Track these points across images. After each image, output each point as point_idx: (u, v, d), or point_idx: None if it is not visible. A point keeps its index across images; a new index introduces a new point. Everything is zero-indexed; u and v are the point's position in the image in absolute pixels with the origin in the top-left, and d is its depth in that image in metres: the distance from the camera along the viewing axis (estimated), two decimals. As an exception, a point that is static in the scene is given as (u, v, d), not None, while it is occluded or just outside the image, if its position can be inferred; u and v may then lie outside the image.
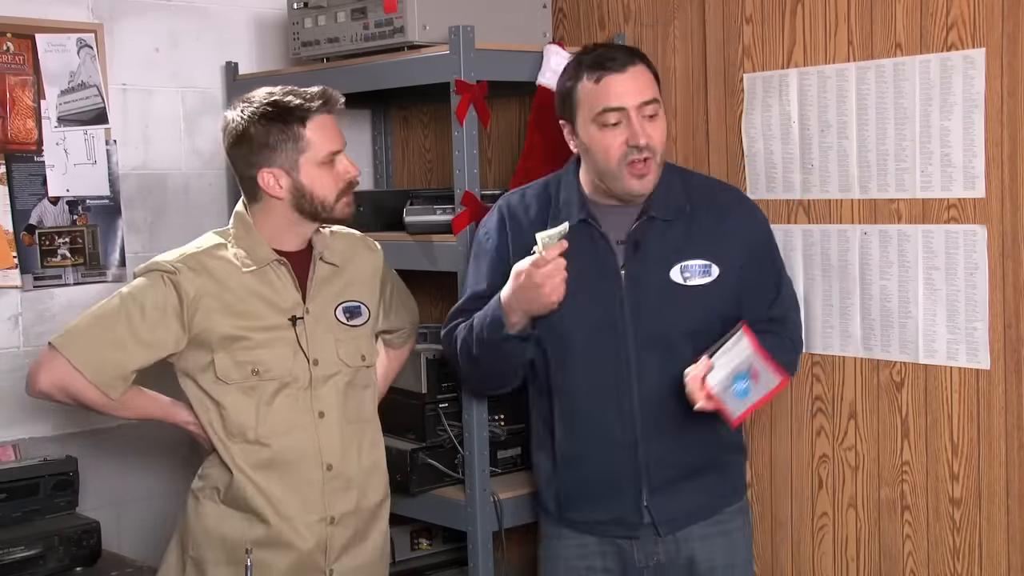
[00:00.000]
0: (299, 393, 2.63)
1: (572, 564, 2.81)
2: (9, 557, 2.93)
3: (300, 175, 2.60)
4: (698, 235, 2.70)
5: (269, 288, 2.63)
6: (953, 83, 2.74)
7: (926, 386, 2.85)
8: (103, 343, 2.57)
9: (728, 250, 2.70)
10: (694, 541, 2.74)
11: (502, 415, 3.28)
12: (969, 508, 2.79)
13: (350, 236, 2.84)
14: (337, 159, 2.63)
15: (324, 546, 2.64)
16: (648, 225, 2.70)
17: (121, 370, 2.58)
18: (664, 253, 2.69)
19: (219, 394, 2.60)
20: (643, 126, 2.61)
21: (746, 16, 3.11)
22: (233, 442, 2.60)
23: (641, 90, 2.63)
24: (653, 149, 2.62)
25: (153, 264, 2.63)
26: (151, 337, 2.58)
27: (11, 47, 3.39)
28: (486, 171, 3.77)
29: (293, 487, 2.62)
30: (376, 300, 2.82)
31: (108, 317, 2.59)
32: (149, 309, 2.58)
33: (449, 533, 3.60)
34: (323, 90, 2.63)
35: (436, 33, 3.15)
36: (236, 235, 2.66)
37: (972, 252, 2.74)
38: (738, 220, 2.75)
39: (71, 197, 3.49)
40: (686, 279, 2.68)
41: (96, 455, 3.48)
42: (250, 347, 2.60)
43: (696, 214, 2.72)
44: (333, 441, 2.66)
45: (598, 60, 2.64)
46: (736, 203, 2.81)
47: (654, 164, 2.64)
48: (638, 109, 2.61)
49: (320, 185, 2.61)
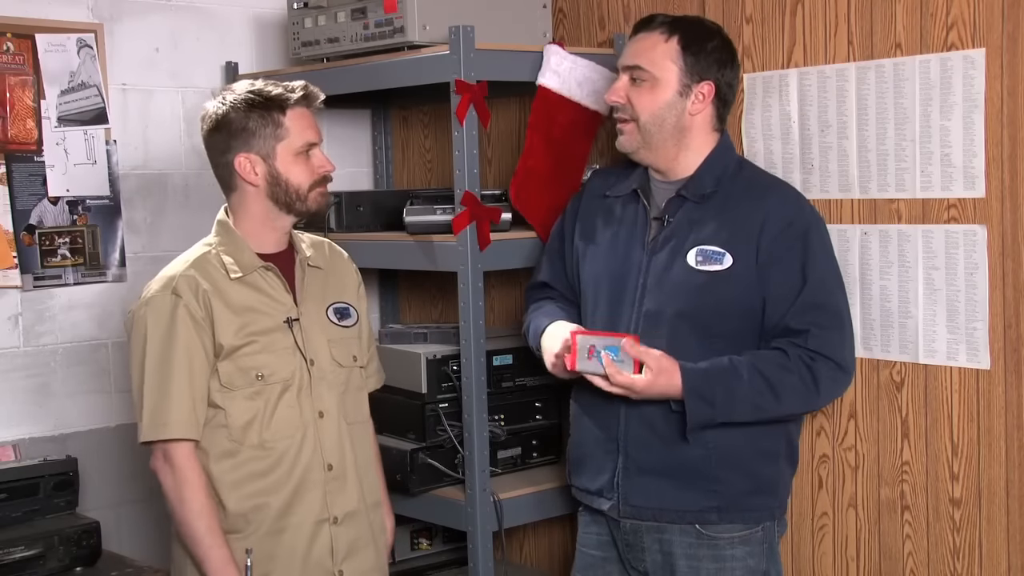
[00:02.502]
0: (300, 394, 2.64)
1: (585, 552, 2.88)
2: (9, 557, 2.93)
3: (276, 162, 2.62)
4: (725, 222, 2.69)
5: (262, 293, 2.65)
6: (953, 83, 2.74)
7: (926, 386, 2.85)
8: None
9: (748, 241, 2.67)
10: (678, 557, 2.71)
11: (502, 415, 3.29)
12: (969, 508, 2.79)
13: (325, 243, 2.86)
14: (313, 152, 2.66)
15: (330, 547, 2.65)
16: (678, 203, 2.74)
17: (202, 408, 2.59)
18: (688, 234, 2.71)
19: (224, 401, 2.59)
20: (621, 87, 2.76)
21: (746, 16, 3.11)
22: (229, 459, 2.59)
23: (634, 54, 2.76)
24: (628, 111, 2.75)
25: (157, 298, 2.60)
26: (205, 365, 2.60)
27: (11, 47, 3.39)
28: (486, 171, 3.77)
29: (293, 490, 2.62)
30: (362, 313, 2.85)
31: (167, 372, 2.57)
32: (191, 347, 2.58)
33: (449, 533, 3.60)
34: (304, 84, 2.68)
35: (436, 33, 3.15)
36: (220, 242, 2.67)
37: (972, 252, 2.74)
38: (770, 213, 2.69)
39: (71, 197, 3.49)
40: (699, 263, 2.68)
41: (96, 455, 3.49)
42: (253, 352, 2.60)
43: (731, 200, 2.72)
44: (332, 441, 2.67)
45: (638, 21, 2.83)
46: (778, 197, 2.74)
47: (633, 126, 2.75)
48: (624, 71, 2.77)
49: (295, 174, 2.63)
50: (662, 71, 2.71)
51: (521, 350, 3.25)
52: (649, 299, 2.71)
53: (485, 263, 3.07)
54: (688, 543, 2.70)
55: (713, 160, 2.76)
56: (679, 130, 2.74)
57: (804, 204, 2.79)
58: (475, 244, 3.04)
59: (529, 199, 3.19)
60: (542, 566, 3.71)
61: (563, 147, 3.25)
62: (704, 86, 2.73)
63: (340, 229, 3.42)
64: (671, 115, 2.72)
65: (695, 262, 2.68)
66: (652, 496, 2.70)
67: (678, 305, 2.68)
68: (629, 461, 2.72)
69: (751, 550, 2.71)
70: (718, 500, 2.69)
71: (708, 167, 2.75)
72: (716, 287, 2.67)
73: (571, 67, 3.21)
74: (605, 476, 2.76)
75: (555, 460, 3.41)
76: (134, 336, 2.60)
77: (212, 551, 2.53)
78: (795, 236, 2.69)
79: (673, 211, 2.74)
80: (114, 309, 3.54)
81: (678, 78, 2.72)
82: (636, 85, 2.73)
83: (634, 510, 2.72)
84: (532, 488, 3.23)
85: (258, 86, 2.65)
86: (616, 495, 2.74)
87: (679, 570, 2.70)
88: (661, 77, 2.71)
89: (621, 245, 2.80)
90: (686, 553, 2.70)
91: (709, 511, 2.69)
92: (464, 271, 3.05)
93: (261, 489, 2.60)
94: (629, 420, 2.71)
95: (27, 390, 3.44)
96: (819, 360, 2.65)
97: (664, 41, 2.72)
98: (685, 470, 2.68)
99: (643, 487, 2.71)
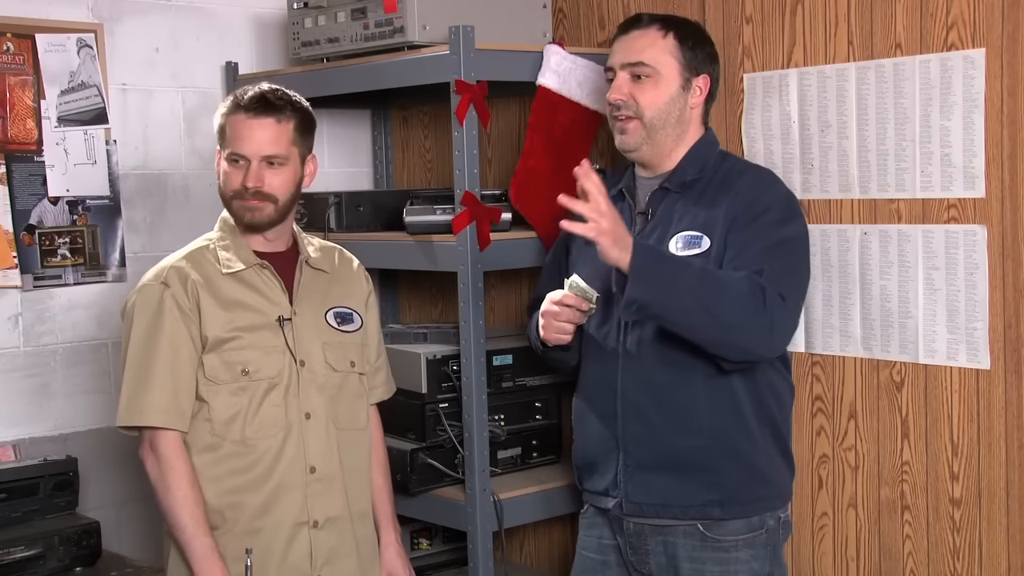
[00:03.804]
0: (287, 394, 2.64)
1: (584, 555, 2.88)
2: (9, 557, 2.93)
3: (217, 164, 2.68)
4: (700, 207, 2.71)
5: (255, 290, 2.65)
6: (953, 83, 2.74)
7: (926, 386, 2.85)
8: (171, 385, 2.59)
9: (720, 220, 2.67)
10: (682, 560, 2.70)
11: (502, 415, 3.29)
12: (969, 508, 2.79)
13: (336, 249, 2.86)
14: (239, 163, 2.62)
15: (308, 551, 2.64)
16: (661, 196, 2.76)
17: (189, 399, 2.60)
18: (671, 224, 2.72)
19: (208, 395, 2.60)
20: (624, 85, 2.74)
21: (746, 16, 3.11)
22: (209, 453, 2.59)
23: (630, 52, 2.76)
24: (632, 107, 2.74)
25: (146, 287, 2.63)
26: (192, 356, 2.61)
27: (11, 47, 3.39)
28: (486, 171, 3.77)
29: (272, 490, 2.61)
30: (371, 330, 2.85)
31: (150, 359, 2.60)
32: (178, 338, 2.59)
33: (449, 533, 3.60)
34: (257, 93, 2.64)
35: (436, 33, 3.15)
36: (221, 238, 2.70)
37: (972, 252, 2.74)
38: (740, 191, 2.70)
39: (71, 197, 3.49)
40: (680, 248, 2.68)
41: (96, 455, 3.49)
42: (239, 347, 2.60)
43: (709, 188, 2.73)
44: (318, 443, 2.66)
45: (623, 22, 2.82)
46: (750, 177, 2.74)
47: (637, 123, 2.74)
48: (623, 69, 2.75)
49: (224, 179, 2.66)
50: (664, 66, 2.73)
51: (521, 350, 3.25)
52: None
53: (485, 263, 3.07)
54: (692, 545, 2.69)
55: (696, 152, 2.78)
56: (680, 124, 2.75)
57: (777, 184, 2.77)
58: (475, 244, 3.04)
59: (529, 199, 3.19)
60: (542, 566, 3.71)
61: (563, 147, 3.25)
62: (701, 80, 2.77)
63: (340, 229, 3.42)
64: (675, 109, 2.74)
65: (677, 248, 2.68)
66: (654, 492, 2.70)
67: None
68: (629, 458, 2.72)
69: (755, 552, 2.71)
70: (719, 493, 2.68)
71: (690, 159, 2.77)
72: None
73: (571, 67, 3.21)
74: (609, 475, 2.76)
75: (555, 460, 3.41)
76: (124, 324, 2.66)
77: (195, 540, 2.54)
78: (761, 208, 2.66)
79: (656, 204, 2.76)
80: (114, 309, 3.53)
81: (679, 72, 2.74)
82: (639, 82, 2.74)
83: (637, 507, 2.72)
84: (532, 488, 3.23)
85: (246, 88, 2.68)
86: (619, 492, 2.74)
87: (683, 573, 2.70)
88: (664, 72, 2.73)
89: None
90: (690, 556, 2.70)
91: (711, 505, 2.68)
92: (464, 271, 3.05)
93: (240, 485, 2.59)
94: (626, 417, 2.71)
95: (27, 390, 3.44)
96: (771, 292, 2.57)
97: (662, 37, 2.74)
98: (683, 463, 2.68)
99: (644, 483, 2.71)
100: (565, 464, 3.29)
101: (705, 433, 2.67)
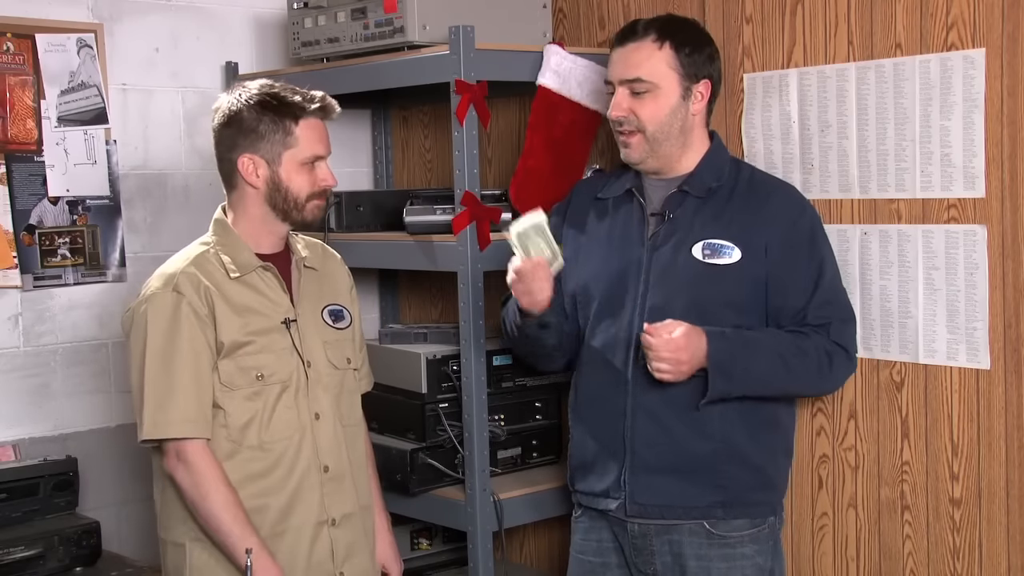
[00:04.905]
0: (297, 395, 2.64)
1: (582, 559, 2.88)
2: (9, 557, 2.93)
3: (280, 169, 2.62)
4: (731, 217, 2.72)
5: (259, 293, 2.64)
6: (953, 83, 2.74)
7: (926, 386, 2.85)
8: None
9: (757, 237, 2.70)
10: (688, 558, 2.71)
11: (502, 415, 3.29)
12: (969, 508, 2.79)
13: (319, 244, 2.86)
14: (319, 164, 2.65)
15: (330, 549, 2.65)
16: (679, 199, 2.75)
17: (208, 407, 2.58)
18: (692, 229, 2.72)
19: (224, 400, 2.58)
20: (623, 101, 2.73)
21: (746, 16, 3.11)
22: (228, 460, 2.57)
23: (627, 67, 2.74)
24: (633, 123, 2.73)
25: (158, 295, 2.58)
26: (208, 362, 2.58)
27: (11, 47, 3.39)
28: (486, 171, 3.77)
29: (293, 492, 2.62)
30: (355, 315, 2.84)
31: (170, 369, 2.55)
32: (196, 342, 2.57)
33: (449, 533, 3.60)
34: (324, 96, 2.66)
35: (436, 33, 3.15)
36: (218, 241, 2.66)
37: (972, 252, 2.74)
38: (777, 211, 2.74)
39: (71, 197, 3.49)
40: (706, 256, 2.69)
41: (96, 455, 3.49)
42: (254, 351, 2.60)
43: (735, 197, 2.75)
44: (329, 442, 2.67)
45: (619, 31, 2.80)
46: (783, 196, 2.80)
47: (640, 137, 2.74)
48: (621, 85, 2.74)
49: (296, 183, 2.63)
50: (663, 78, 2.72)
51: (521, 350, 3.25)
52: (653, 294, 2.71)
53: (485, 263, 3.07)
54: (698, 543, 2.70)
55: (712, 157, 2.79)
56: (683, 133, 2.75)
57: (806, 202, 2.85)
58: (475, 244, 3.04)
59: (529, 199, 3.19)
60: (542, 566, 3.71)
61: (563, 147, 3.25)
62: (702, 85, 2.76)
63: (340, 229, 3.42)
64: (676, 120, 2.74)
65: (702, 255, 2.69)
66: (659, 493, 2.70)
67: (686, 298, 2.69)
68: (636, 459, 2.71)
69: (760, 548, 2.73)
70: (723, 495, 2.69)
71: (708, 164, 2.78)
72: (724, 280, 2.69)
73: (571, 67, 3.21)
74: (611, 476, 2.76)
75: (555, 460, 3.41)
76: (134, 334, 2.58)
77: (244, 542, 2.50)
78: (804, 233, 2.76)
79: (674, 206, 2.75)
80: (114, 309, 3.54)
81: (678, 82, 2.73)
82: (638, 97, 2.72)
83: (641, 508, 2.72)
84: (532, 488, 3.24)
85: (276, 89, 2.63)
86: (623, 494, 2.74)
87: (689, 570, 2.70)
88: (663, 85, 2.72)
89: (617, 243, 2.80)
90: (696, 553, 2.70)
91: (715, 506, 2.69)
92: (464, 271, 3.05)
93: (261, 490, 2.59)
94: (636, 418, 2.70)
95: (27, 390, 3.44)
96: (837, 350, 2.74)
97: (658, 49, 2.72)
98: (692, 466, 2.69)
99: (650, 485, 2.71)
100: (565, 464, 3.29)
101: (716, 437, 2.68)
